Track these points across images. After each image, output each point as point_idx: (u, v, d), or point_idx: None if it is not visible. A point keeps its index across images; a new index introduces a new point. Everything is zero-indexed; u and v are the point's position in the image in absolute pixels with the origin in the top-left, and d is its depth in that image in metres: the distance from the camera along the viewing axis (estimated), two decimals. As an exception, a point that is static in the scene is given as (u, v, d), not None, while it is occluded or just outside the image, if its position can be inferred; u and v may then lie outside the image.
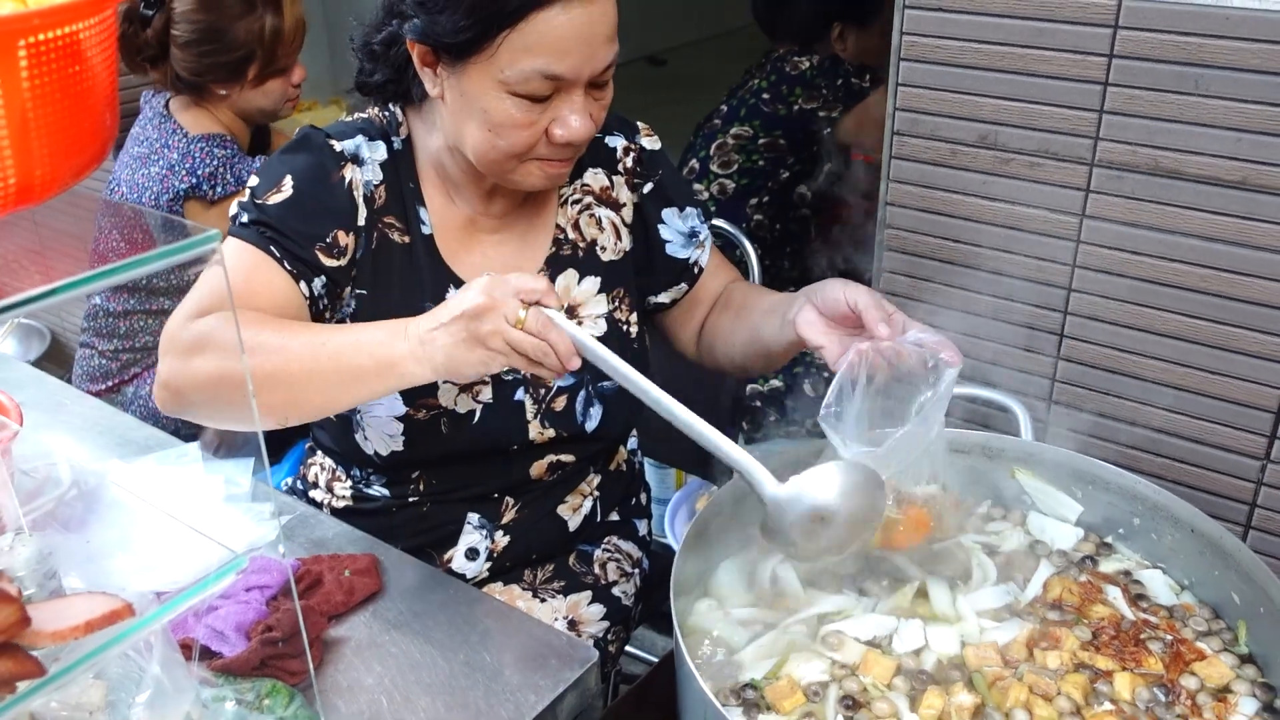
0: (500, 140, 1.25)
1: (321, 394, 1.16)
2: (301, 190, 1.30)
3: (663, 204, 1.50)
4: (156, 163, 2.22)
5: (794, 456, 1.29)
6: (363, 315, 1.35)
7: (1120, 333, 1.46)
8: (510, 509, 1.47)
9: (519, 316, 1.07)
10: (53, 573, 0.96)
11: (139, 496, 1.02)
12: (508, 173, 1.30)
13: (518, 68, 1.20)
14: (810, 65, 2.65)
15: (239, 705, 1.02)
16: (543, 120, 1.24)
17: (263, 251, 1.27)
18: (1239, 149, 1.30)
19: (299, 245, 1.28)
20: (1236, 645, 1.17)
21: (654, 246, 1.50)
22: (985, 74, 1.44)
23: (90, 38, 0.75)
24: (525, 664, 1.14)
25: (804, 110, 2.66)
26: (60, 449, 1.23)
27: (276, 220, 1.28)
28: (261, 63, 2.25)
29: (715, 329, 1.52)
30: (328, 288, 1.32)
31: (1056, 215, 1.45)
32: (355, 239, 1.33)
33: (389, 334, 1.14)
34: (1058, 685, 1.10)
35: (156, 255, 0.69)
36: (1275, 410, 1.37)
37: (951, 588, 1.24)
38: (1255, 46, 1.25)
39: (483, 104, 1.23)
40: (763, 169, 2.71)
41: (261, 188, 1.31)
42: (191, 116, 2.28)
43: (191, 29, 2.19)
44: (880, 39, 2.64)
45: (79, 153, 0.78)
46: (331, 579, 1.21)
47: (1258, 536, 1.43)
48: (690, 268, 1.52)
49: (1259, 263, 1.33)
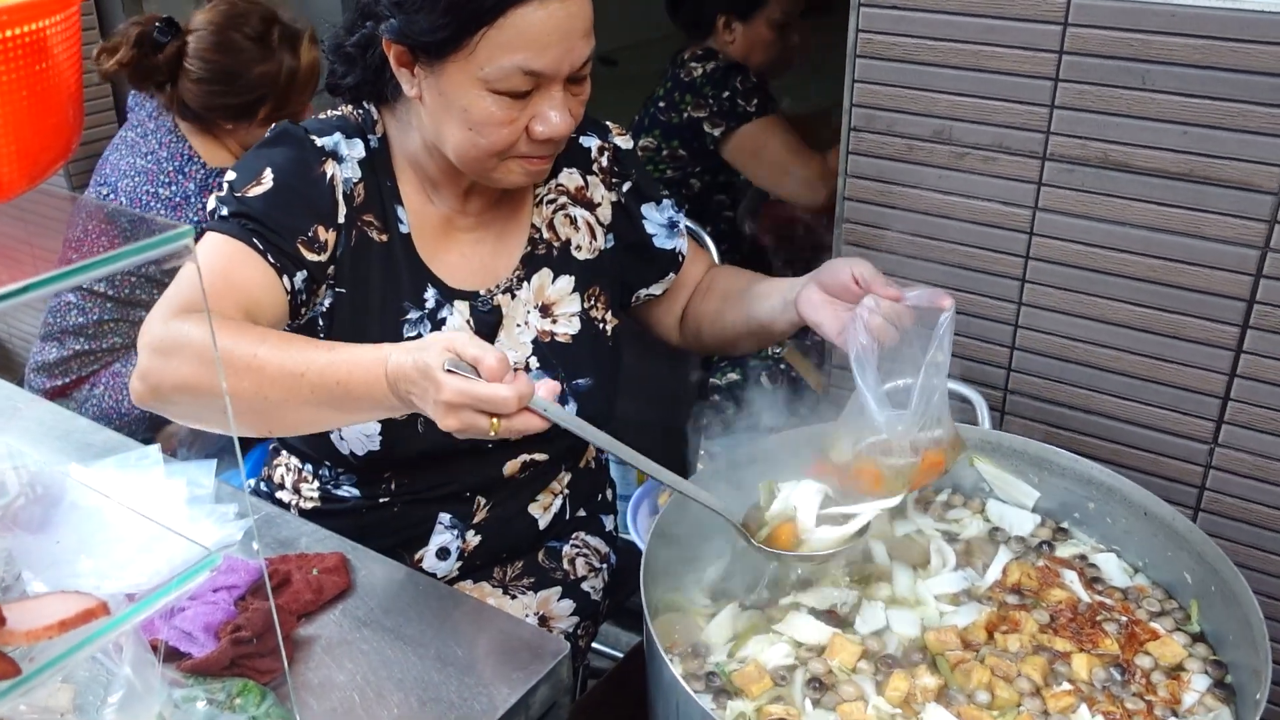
0: (481, 139, 1.25)
1: (302, 422, 1.18)
2: (282, 183, 1.29)
3: (642, 200, 1.52)
4: (169, 185, 2.16)
5: (756, 449, 1.32)
6: (340, 314, 1.35)
7: (1073, 322, 1.49)
8: (482, 508, 1.47)
9: (492, 426, 1.03)
10: (16, 575, 0.94)
11: (105, 496, 1.00)
12: (489, 171, 1.30)
13: (497, 65, 1.20)
14: (702, 72, 2.57)
15: (210, 705, 1.01)
16: (523, 117, 1.24)
17: (244, 244, 1.25)
18: (1185, 142, 1.34)
19: (281, 238, 1.27)
20: (1189, 624, 1.21)
21: (641, 243, 1.52)
22: (940, 70, 1.47)
23: (56, 34, 0.75)
24: (497, 658, 1.14)
25: (693, 118, 2.57)
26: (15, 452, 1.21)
27: (258, 212, 1.26)
28: (273, 105, 2.20)
29: (701, 314, 1.56)
30: (307, 283, 1.30)
31: (1010, 208, 1.48)
32: (335, 235, 1.32)
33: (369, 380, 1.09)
34: (1018, 667, 1.12)
35: (128, 252, 0.69)
36: (1222, 396, 1.41)
37: (913, 573, 1.27)
38: (1200, 42, 1.29)
39: (463, 103, 1.23)
40: (673, 180, 2.64)
41: (240, 181, 1.29)
42: (205, 145, 2.21)
43: (205, 68, 2.13)
44: (770, 34, 2.60)
45: (44, 150, 0.78)
46: (300, 578, 1.21)
47: (1206, 519, 1.47)
48: (676, 256, 1.56)
49: (1205, 252, 1.37)
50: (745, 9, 2.57)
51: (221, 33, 2.13)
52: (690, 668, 1.14)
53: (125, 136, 2.27)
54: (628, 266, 1.52)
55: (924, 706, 1.08)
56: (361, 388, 1.10)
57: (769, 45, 2.61)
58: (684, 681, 1.01)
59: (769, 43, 2.61)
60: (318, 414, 1.15)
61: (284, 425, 1.20)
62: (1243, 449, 1.42)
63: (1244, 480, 1.43)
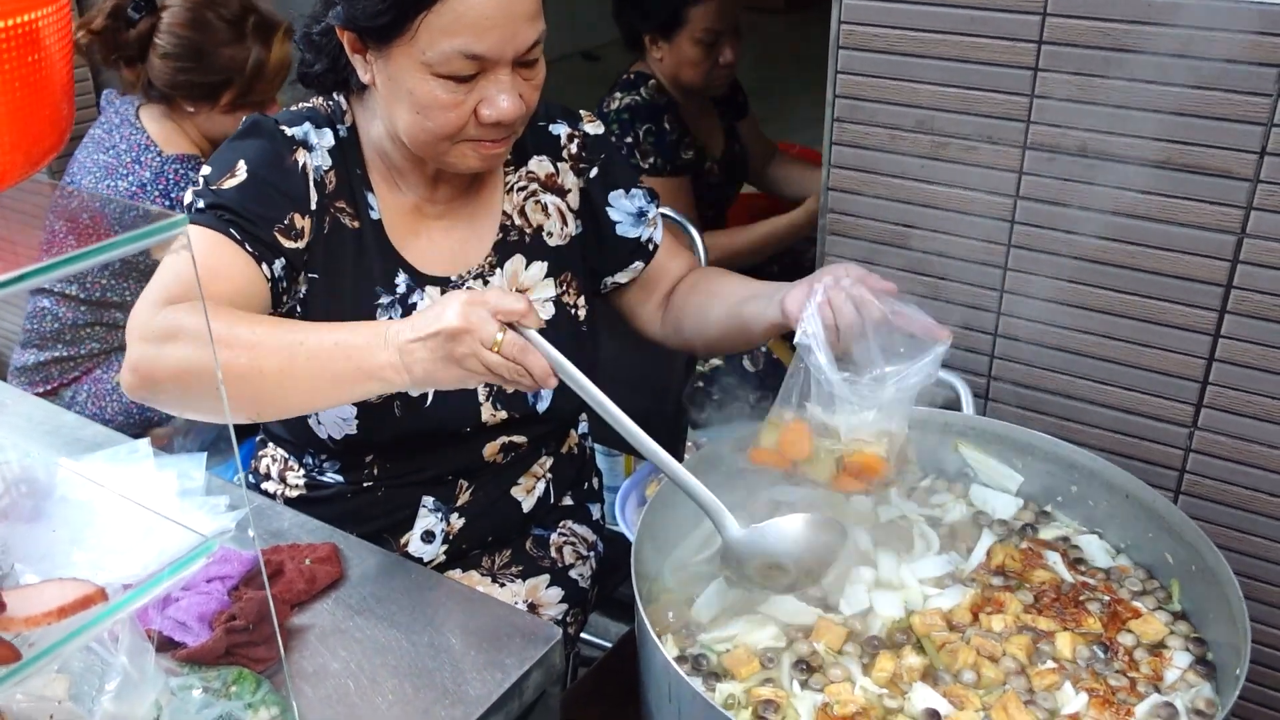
0: (429, 122, 1.26)
1: (297, 395, 1.16)
2: (256, 174, 1.30)
3: (609, 187, 1.52)
4: (125, 177, 2.16)
5: (742, 436, 1.33)
6: (315, 299, 1.36)
7: (1055, 309, 1.51)
8: (464, 491, 1.49)
9: (495, 339, 1.08)
10: (10, 567, 0.95)
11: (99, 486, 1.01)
12: (442, 155, 1.31)
13: (438, 49, 1.21)
14: (616, 106, 2.52)
15: (206, 693, 1.02)
16: (469, 100, 1.26)
17: (223, 235, 1.26)
18: (1162, 130, 1.35)
19: (258, 227, 1.28)
20: (1170, 603, 1.23)
21: (603, 228, 1.52)
22: (922, 61, 1.48)
23: (48, 26, 0.75)
24: (489, 644, 1.15)
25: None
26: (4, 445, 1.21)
27: (234, 204, 1.28)
28: (238, 91, 2.21)
29: (684, 309, 1.54)
30: (286, 270, 1.32)
31: (992, 197, 1.50)
32: (310, 222, 1.34)
33: (369, 339, 1.13)
34: (1002, 647, 1.14)
35: (124, 240, 0.70)
36: (1201, 380, 1.44)
37: (896, 557, 1.29)
38: (1176, 31, 1.31)
39: (408, 86, 1.25)
40: None
41: (214, 174, 1.31)
42: (163, 131, 2.22)
43: (175, 43, 2.14)
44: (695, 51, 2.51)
45: (37, 142, 0.78)
46: (293, 567, 1.21)
47: (1187, 500, 1.50)
48: (643, 245, 1.54)
49: (1183, 238, 1.39)
50: (667, 28, 2.51)
51: (197, 9, 2.15)
52: (681, 644, 1.15)
53: (93, 134, 2.29)
54: (594, 253, 1.53)
55: (910, 687, 1.10)
56: (360, 348, 1.13)
57: (696, 63, 2.53)
58: (675, 665, 1.02)
59: (696, 60, 2.52)
60: (312, 386, 1.15)
61: (276, 404, 1.19)
62: (1221, 432, 1.44)
63: (1223, 463, 1.46)
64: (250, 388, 1.14)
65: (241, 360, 1.13)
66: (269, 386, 1.14)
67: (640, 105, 2.52)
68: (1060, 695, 1.10)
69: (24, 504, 1.08)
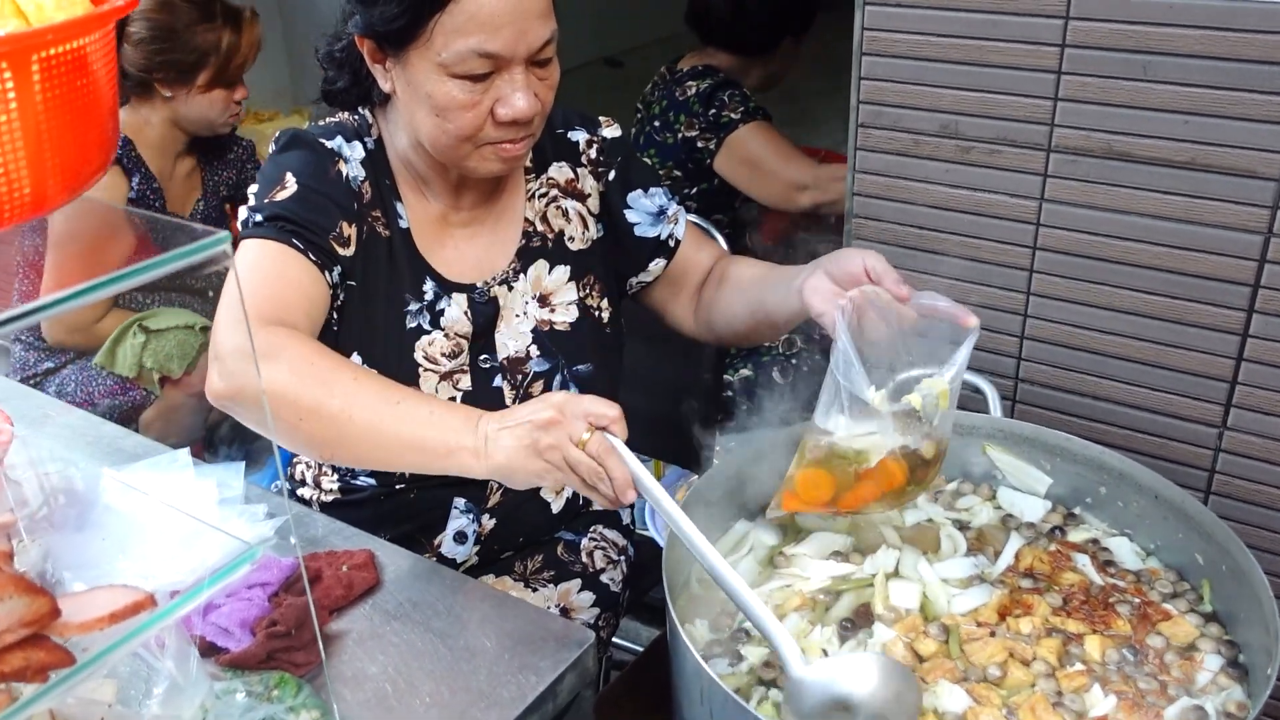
0: (448, 124, 1.29)
1: (374, 449, 1.17)
2: (306, 184, 1.34)
3: (627, 188, 1.54)
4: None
5: (771, 443, 1.34)
6: (351, 306, 1.39)
7: (1081, 311, 1.51)
8: (495, 492, 1.51)
9: (582, 438, 1.09)
10: (58, 577, 0.98)
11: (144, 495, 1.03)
12: (463, 158, 1.34)
13: (453, 49, 1.24)
14: (696, 91, 2.53)
15: (249, 697, 1.05)
16: (486, 100, 1.28)
17: (286, 245, 1.29)
18: (1186, 131, 1.36)
19: (317, 235, 1.32)
20: (1201, 605, 1.23)
21: (622, 231, 1.54)
22: (944, 66, 1.49)
23: (95, 51, 0.78)
24: (524, 647, 1.17)
25: (686, 138, 2.54)
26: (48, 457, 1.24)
27: (291, 214, 1.31)
28: (213, 72, 2.30)
29: (713, 303, 1.55)
30: (340, 278, 1.36)
31: (1016, 200, 1.50)
32: (354, 231, 1.38)
33: (462, 421, 1.14)
34: (1033, 650, 1.14)
35: (170, 258, 0.72)
36: (1230, 379, 1.43)
37: (923, 559, 1.29)
38: (1198, 33, 1.31)
39: (426, 89, 1.28)
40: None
41: (264, 190, 1.34)
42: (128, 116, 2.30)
43: (147, 26, 2.23)
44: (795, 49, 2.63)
45: (87, 162, 0.81)
46: (330, 574, 1.24)
47: (1217, 501, 1.49)
48: (665, 243, 1.55)
49: (1208, 239, 1.39)
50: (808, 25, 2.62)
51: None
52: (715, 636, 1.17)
53: None
54: (616, 255, 1.55)
55: (937, 683, 1.11)
56: (449, 426, 1.14)
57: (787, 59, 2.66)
58: (707, 667, 1.04)
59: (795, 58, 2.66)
60: (391, 445, 1.16)
61: (350, 451, 1.19)
62: (1251, 432, 1.44)
63: (1253, 462, 1.45)
64: (334, 430, 1.16)
65: (335, 403, 1.15)
66: (353, 433, 1.16)
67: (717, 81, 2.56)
68: (1089, 697, 1.10)
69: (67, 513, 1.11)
